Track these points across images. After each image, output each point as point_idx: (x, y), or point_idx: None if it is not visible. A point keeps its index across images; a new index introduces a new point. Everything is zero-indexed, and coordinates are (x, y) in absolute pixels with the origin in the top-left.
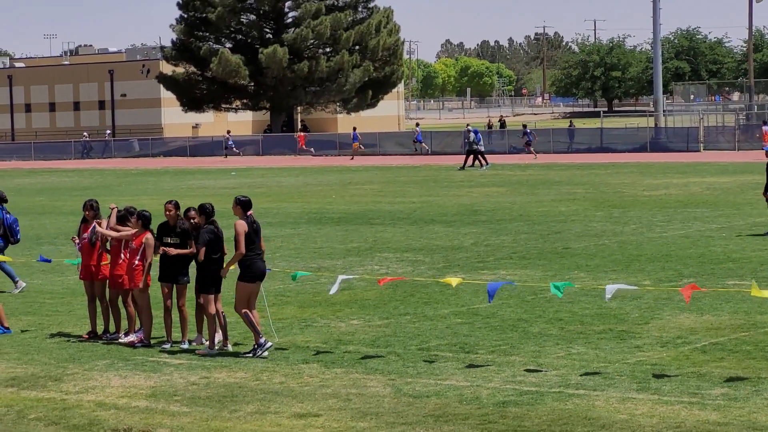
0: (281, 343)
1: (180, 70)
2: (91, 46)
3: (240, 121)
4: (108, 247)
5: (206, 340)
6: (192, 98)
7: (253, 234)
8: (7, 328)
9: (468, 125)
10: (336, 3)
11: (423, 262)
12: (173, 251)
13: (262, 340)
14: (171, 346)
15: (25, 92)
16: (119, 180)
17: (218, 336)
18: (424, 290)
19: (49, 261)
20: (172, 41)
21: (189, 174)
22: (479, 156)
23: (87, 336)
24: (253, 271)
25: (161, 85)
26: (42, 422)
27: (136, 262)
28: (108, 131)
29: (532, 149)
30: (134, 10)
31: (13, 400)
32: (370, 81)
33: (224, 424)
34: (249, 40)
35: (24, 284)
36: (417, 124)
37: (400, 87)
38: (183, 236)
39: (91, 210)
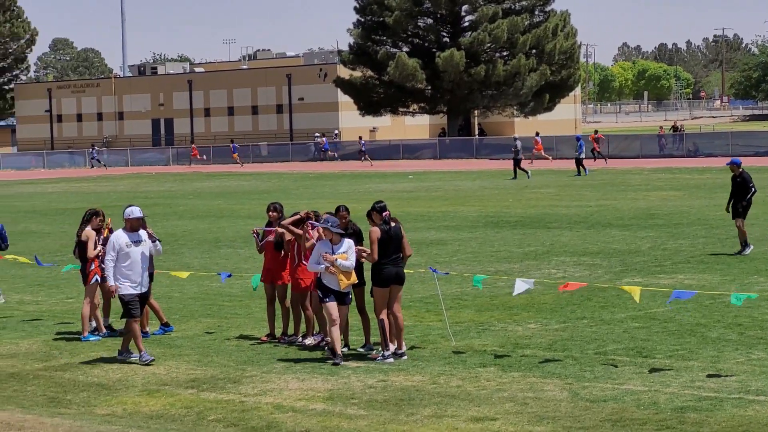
0: (458, 346)
1: (357, 74)
2: (269, 50)
3: (417, 125)
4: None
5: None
6: (369, 102)
7: (389, 240)
8: (168, 325)
9: (578, 134)
10: (513, 7)
11: (600, 266)
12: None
13: (387, 353)
14: (348, 350)
15: (204, 97)
16: (296, 183)
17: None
18: (601, 294)
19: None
20: (350, 45)
21: (365, 177)
22: (580, 164)
23: (265, 338)
24: (383, 275)
25: (338, 89)
26: (221, 424)
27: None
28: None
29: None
30: (312, 15)
31: (192, 401)
32: (547, 85)
33: (401, 427)
34: (426, 44)
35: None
36: (360, 137)
37: (577, 90)
38: (356, 239)
39: (275, 212)
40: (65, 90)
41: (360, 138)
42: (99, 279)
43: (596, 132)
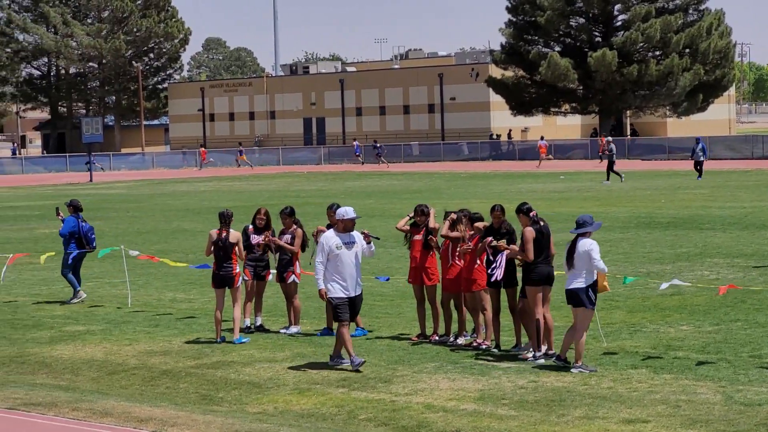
0: (610, 347)
1: (509, 73)
2: (420, 50)
3: (568, 125)
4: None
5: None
6: (521, 102)
7: (541, 238)
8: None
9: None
10: (666, 6)
11: (754, 268)
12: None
13: (538, 353)
14: (499, 351)
15: (356, 96)
16: (448, 183)
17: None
18: (755, 297)
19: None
20: (502, 45)
21: (518, 177)
22: (699, 166)
23: (416, 338)
24: (537, 274)
25: (490, 89)
26: (372, 423)
27: (477, 263)
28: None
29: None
30: (463, 14)
31: (344, 400)
32: (700, 84)
33: (552, 428)
34: (578, 44)
35: (83, 296)
36: (354, 140)
37: (731, 90)
38: (509, 238)
39: (422, 215)
40: (218, 89)
41: (375, 141)
42: (245, 278)
43: (603, 135)
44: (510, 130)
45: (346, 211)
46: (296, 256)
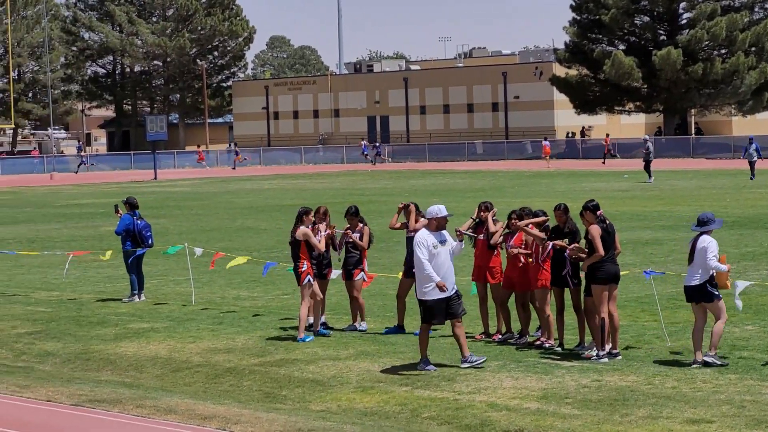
0: (674, 347)
1: (573, 72)
2: (484, 48)
3: (632, 124)
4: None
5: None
6: (584, 100)
7: (607, 236)
8: (402, 327)
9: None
10: (732, 3)
11: None
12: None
13: (602, 352)
14: (563, 350)
15: (420, 94)
16: (512, 182)
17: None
18: None
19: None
20: (565, 43)
21: (581, 176)
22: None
23: (479, 337)
24: (604, 273)
25: (554, 87)
26: (435, 421)
27: (542, 261)
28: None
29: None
30: (527, 13)
31: (407, 398)
32: (766, 83)
33: (615, 428)
34: (642, 42)
35: (138, 299)
36: (362, 139)
37: None
38: (572, 237)
39: (486, 211)
40: (282, 87)
41: (366, 141)
42: (311, 279)
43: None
44: (583, 128)
45: (439, 209)
46: (364, 253)
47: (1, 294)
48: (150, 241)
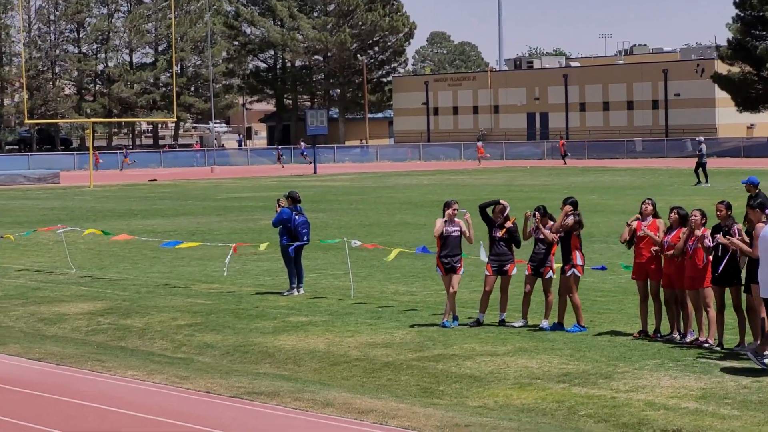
0: None
1: (735, 69)
2: (645, 45)
3: None
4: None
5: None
6: (747, 98)
7: None
8: (583, 326)
9: None
10: None
11: None
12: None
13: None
14: (722, 349)
15: (579, 91)
16: (671, 180)
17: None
18: None
19: (604, 268)
20: (728, 40)
21: (743, 174)
22: None
23: (637, 335)
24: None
25: (715, 85)
26: (592, 419)
27: (705, 259)
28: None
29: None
30: (688, 9)
31: (564, 395)
32: None
33: None
34: None
35: (297, 293)
36: (301, 140)
37: None
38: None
39: (653, 207)
40: (442, 83)
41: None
42: (439, 272)
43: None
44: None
45: None
46: (554, 248)
47: (163, 286)
48: (306, 238)
